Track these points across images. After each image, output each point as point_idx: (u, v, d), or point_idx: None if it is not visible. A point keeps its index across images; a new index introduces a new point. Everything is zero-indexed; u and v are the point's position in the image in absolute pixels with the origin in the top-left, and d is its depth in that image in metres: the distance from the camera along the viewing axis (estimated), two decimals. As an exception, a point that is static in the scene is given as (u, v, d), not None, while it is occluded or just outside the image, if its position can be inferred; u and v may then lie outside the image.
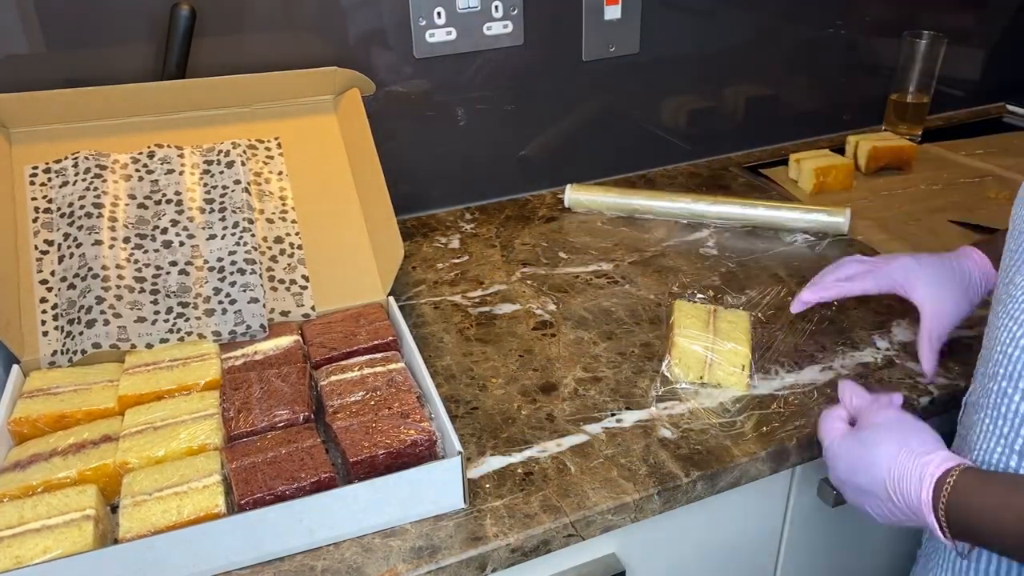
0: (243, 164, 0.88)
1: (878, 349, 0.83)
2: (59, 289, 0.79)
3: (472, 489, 0.67)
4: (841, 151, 1.24)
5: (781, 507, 0.81)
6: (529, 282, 0.97)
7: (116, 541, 0.60)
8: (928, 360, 0.75)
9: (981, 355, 0.63)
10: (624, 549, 0.73)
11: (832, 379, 0.78)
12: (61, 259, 0.80)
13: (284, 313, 0.83)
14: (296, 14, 0.98)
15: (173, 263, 0.81)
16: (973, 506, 0.53)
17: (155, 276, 0.80)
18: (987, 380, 0.59)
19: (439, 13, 1.03)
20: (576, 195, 1.12)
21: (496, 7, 1.05)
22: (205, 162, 0.88)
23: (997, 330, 0.58)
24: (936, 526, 0.54)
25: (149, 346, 0.77)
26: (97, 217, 0.81)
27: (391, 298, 0.85)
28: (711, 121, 1.28)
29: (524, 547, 0.63)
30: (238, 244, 0.83)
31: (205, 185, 0.86)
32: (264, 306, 0.80)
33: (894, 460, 0.57)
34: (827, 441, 0.65)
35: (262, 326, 0.79)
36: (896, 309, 0.89)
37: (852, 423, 0.66)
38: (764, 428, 0.72)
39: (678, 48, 1.19)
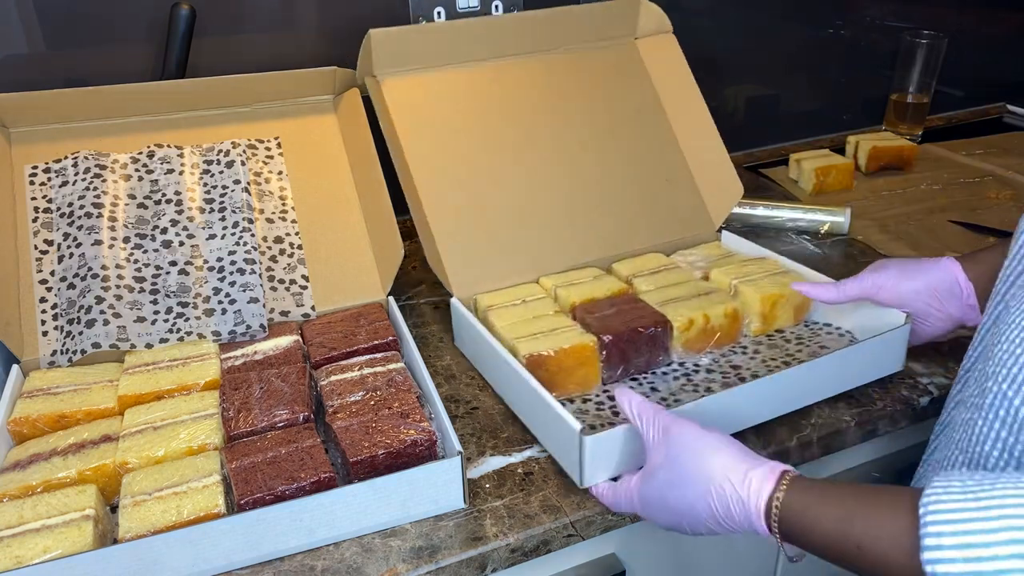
0: (243, 164, 0.88)
1: (878, 349, 0.83)
2: (59, 289, 0.79)
3: (472, 489, 0.67)
4: (841, 151, 1.24)
5: (781, 507, 0.81)
6: (529, 282, 0.97)
7: (116, 541, 0.60)
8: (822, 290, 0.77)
9: (975, 353, 0.63)
10: (624, 549, 0.73)
11: (832, 379, 0.78)
12: (61, 259, 0.80)
13: (284, 313, 0.83)
14: (296, 14, 0.98)
15: (173, 263, 0.81)
16: (805, 518, 0.52)
17: (155, 276, 0.80)
18: (985, 380, 0.58)
19: (439, 13, 1.03)
20: (576, 195, 1.12)
21: (496, 7, 1.05)
22: (205, 162, 0.88)
23: (1005, 327, 0.57)
24: (767, 532, 0.54)
25: (149, 346, 0.77)
26: (97, 217, 0.81)
27: (391, 298, 0.85)
28: (711, 121, 1.28)
29: (524, 547, 0.63)
30: (238, 244, 0.83)
31: (205, 185, 0.86)
32: (264, 306, 0.80)
33: (725, 474, 0.55)
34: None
35: (262, 326, 0.79)
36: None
37: None
38: (764, 428, 0.72)
39: (678, 48, 1.19)
